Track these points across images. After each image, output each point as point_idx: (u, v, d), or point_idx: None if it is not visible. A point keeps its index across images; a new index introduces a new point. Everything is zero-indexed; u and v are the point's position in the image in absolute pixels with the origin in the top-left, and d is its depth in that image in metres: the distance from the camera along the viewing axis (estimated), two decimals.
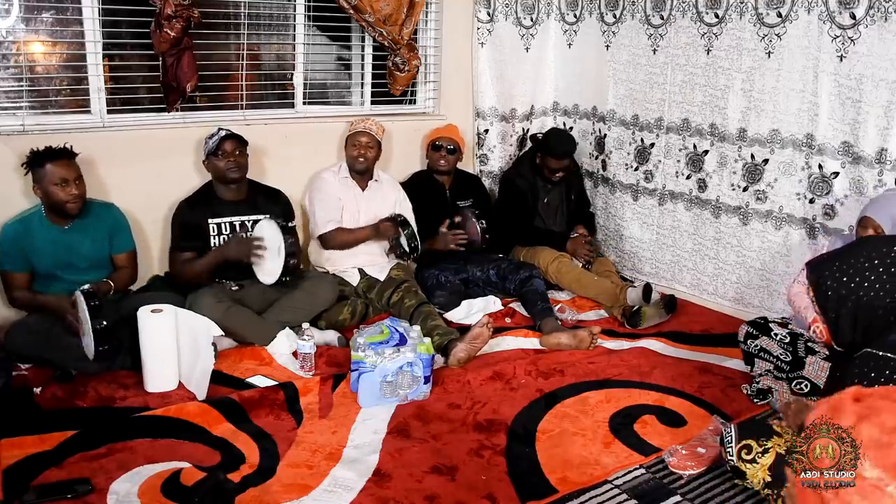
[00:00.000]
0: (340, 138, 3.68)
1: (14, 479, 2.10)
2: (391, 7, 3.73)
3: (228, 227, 3.19)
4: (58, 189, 2.76)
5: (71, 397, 2.60)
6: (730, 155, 3.60)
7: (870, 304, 1.71)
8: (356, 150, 3.51)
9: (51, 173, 2.75)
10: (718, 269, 3.75)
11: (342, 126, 3.72)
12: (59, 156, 2.77)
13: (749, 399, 2.77)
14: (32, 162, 2.77)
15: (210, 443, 2.38)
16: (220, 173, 3.15)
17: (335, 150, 3.77)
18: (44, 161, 2.75)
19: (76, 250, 2.89)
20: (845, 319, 1.77)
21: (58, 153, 2.78)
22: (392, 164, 3.97)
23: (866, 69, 2.99)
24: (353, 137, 3.54)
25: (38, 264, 2.84)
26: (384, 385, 2.64)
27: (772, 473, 1.96)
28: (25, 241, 2.82)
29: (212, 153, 3.12)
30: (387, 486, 2.18)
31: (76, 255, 2.89)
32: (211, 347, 2.71)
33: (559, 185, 4.08)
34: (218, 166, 3.13)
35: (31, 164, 2.77)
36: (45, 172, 2.75)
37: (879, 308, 1.70)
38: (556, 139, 3.99)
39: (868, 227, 2.69)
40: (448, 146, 3.82)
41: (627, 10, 3.96)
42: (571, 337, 3.19)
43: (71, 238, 2.88)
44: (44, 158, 2.76)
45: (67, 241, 2.87)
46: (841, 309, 1.77)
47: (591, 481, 2.24)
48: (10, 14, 3.02)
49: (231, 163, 3.11)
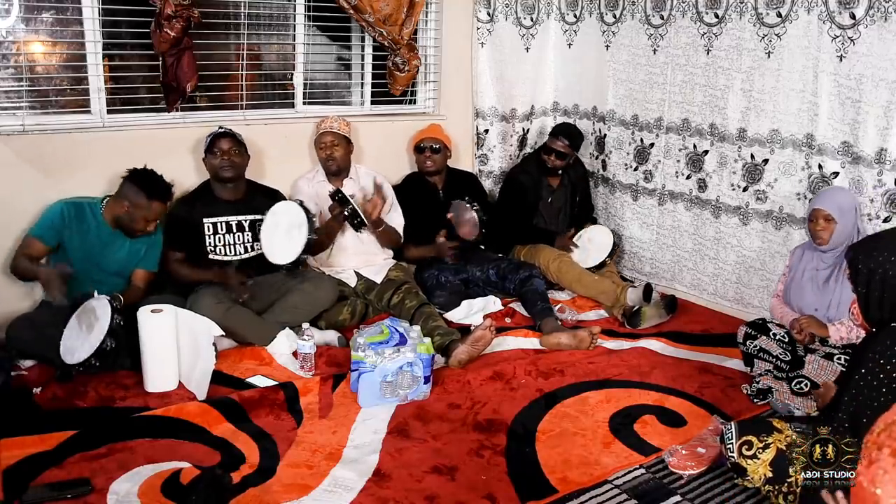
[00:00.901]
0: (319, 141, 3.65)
1: (14, 479, 2.10)
2: (391, 7, 3.73)
3: (224, 227, 3.19)
4: (142, 221, 2.90)
5: (71, 397, 2.60)
6: (730, 155, 3.60)
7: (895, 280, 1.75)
8: (323, 152, 3.50)
9: (152, 210, 2.90)
10: (718, 269, 3.75)
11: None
12: (164, 199, 2.93)
13: (749, 399, 2.77)
14: (147, 190, 2.87)
15: (210, 443, 2.38)
16: (214, 171, 3.16)
17: None
18: (155, 196, 2.88)
19: (112, 252, 2.95)
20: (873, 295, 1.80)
21: (165, 194, 2.93)
22: (392, 165, 3.97)
23: (866, 69, 3.00)
24: (318, 140, 3.53)
25: (72, 251, 2.87)
26: (384, 385, 2.64)
27: (773, 469, 1.96)
28: (73, 222, 2.87)
29: (207, 150, 3.14)
30: (387, 486, 2.18)
31: (109, 257, 2.94)
32: (211, 347, 2.71)
33: (565, 186, 4.08)
34: (213, 164, 3.14)
35: (142, 188, 2.87)
36: (149, 205, 2.88)
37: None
38: (560, 125, 4.13)
39: (819, 219, 2.78)
40: (432, 146, 3.79)
41: (627, 10, 3.96)
42: (571, 337, 3.19)
43: (112, 239, 2.94)
44: (157, 194, 2.88)
45: (108, 242, 2.94)
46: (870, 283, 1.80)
47: (591, 481, 2.24)
48: (10, 14, 3.02)
49: (225, 161, 3.12)
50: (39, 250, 2.85)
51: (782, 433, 2.00)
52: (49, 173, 3.08)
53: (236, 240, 3.21)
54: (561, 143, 3.93)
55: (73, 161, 3.10)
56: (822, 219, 2.77)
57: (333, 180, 3.55)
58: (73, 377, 2.69)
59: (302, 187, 3.55)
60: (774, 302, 3.04)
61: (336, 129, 3.50)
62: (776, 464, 1.96)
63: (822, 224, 2.77)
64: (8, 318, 2.85)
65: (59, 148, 3.10)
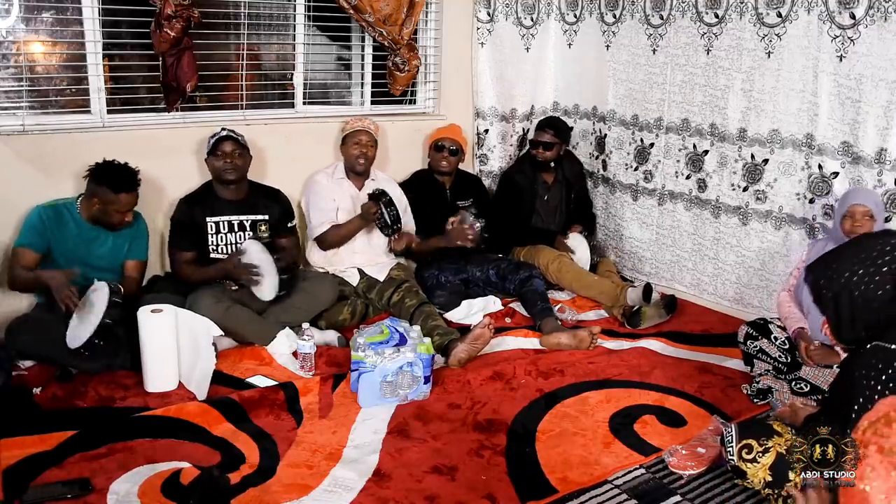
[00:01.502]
0: (339, 138, 3.67)
1: (14, 479, 2.10)
2: (391, 7, 3.73)
3: (227, 226, 3.20)
4: (116, 214, 2.89)
5: (71, 397, 2.60)
6: (730, 155, 3.60)
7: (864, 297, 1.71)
8: (357, 150, 3.49)
9: (120, 202, 2.87)
10: (718, 269, 3.75)
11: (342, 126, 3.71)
12: (133, 187, 2.90)
13: (749, 399, 2.77)
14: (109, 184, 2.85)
15: (210, 443, 2.38)
16: (216, 173, 3.17)
17: (335, 150, 3.76)
18: (120, 189, 2.85)
19: (97, 248, 2.95)
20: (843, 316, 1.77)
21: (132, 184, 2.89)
22: (392, 165, 3.97)
23: (866, 69, 3.00)
24: (352, 136, 3.52)
25: (57, 253, 2.88)
26: (384, 385, 2.64)
27: (772, 473, 1.96)
28: (53, 226, 2.87)
29: (210, 152, 3.14)
30: (387, 486, 2.18)
31: (95, 253, 2.94)
32: (211, 348, 2.71)
33: (559, 182, 4.08)
34: (215, 166, 3.15)
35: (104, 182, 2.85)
36: (116, 198, 2.86)
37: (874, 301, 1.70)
38: (544, 118, 4.13)
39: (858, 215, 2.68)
40: (451, 147, 3.81)
41: (627, 10, 3.96)
42: (571, 337, 3.19)
43: (96, 235, 2.94)
44: (120, 187, 2.85)
45: (92, 238, 2.94)
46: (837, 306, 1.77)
47: (591, 481, 2.24)
48: (10, 14, 3.02)
49: (228, 164, 3.13)
50: (31, 259, 2.84)
51: (782, 437, 2.00)
52: (49, 173, 3.08)
53: (238, 239, 3.21)
54: (548, 135, 3.93)
55: (73, 161, 3.09)
56: (863, 215, 2.68)
57: (354, 180, 3.56)
58: (73, 377, 2.70)
59: (322, 181, 3.55)
60: (784, 297, 2.94)
61: (372, 130, 3.53)
62: (776, 468, 1.96)
63: (862, 220, 2.67)
64: (7, 319, 2.85)
65: (59, 148, 3.10)
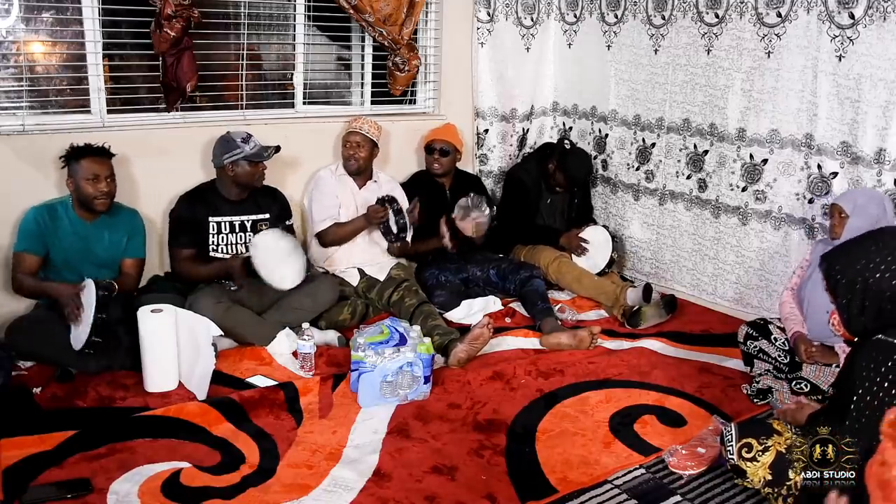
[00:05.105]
0: (340, 138, 3.68)
1: (14, 479, 2.10)
2: (391, 7, 3.73)
3: (228, 227, 3.20)
4: (89, 184, 2.86)
5: (71, 397, 2.60)
6: (729, 155, 3.60)
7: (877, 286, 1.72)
8: (346, 151, 3.54)
9: (85, 168, 2.85)
10: (718, 269, 3.75)
11: (342, 126, 3.71)
12: (96, 153, 2.89)
13: (749, 399, 2.77)
14: (70, 156, 2.86)
15: (210, 443, 2.38)
16: (244, 178, 3.14)
17: (335, 150, 3.77)
18: (80, 156, 2.86)
19: (93, 246, 2.95)
20: (855, 305, 1.78)
21: (94, 150, 2.89)
22: (392, 165, 3.97)
23: (865, 69, 3.00)
24: (345, 137, 3.57)
25: (55, 253, 2.89)
26: (384, 385, 2.64)
27: (772, 471, 1.96)
28: (48, 226, 2.87)
29: (247, 157, 3.10)
30: (387, 486, 2.18)
31: (92, 251, 2.94)
32: (211, 348, 2.71)
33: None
34: (246, 170, 3.13)
35: (69, 158, 2.87)
36: (80, 167, 2.85)
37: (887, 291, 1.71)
38: (577, 164, 3.96)
39: (834, 213, 2.76)
40: (441, 148, 3.80)
41: (629, 11, 3.96)
42: (571, 337, 3.19)
43: (92, 233, 2.94)
44: (81, 154, 2.86)
45: (88, 235, 2.94)
46: (851, 294, 1.78)
47: (591, 481, 2.24)
48: (10, 14, 3.02)
49: (260, 173, 3.18)
50: (33, 263, 2.85)
51: (782, 436, 2.00)
52: (49, 173, 3.08)
53: (238, 239, 3.21)
54: (575, 182, 3.99)
55: None
56: (838, 214, 2.75)
57: (356, 179, 3.58)
58: (73, 377, 2.70)
59: (325, 178, 3.58)
60: (786, 296, 2.94)
61: (365, 130, 3.53)
62: (775, 467, 1.96)
63: (837, 219, 2.74)
64: (8, 319, 2.85)
65: (59, 148, 3.09)
